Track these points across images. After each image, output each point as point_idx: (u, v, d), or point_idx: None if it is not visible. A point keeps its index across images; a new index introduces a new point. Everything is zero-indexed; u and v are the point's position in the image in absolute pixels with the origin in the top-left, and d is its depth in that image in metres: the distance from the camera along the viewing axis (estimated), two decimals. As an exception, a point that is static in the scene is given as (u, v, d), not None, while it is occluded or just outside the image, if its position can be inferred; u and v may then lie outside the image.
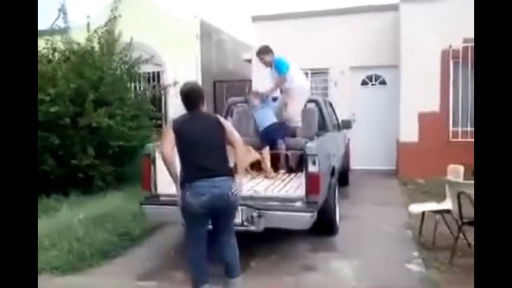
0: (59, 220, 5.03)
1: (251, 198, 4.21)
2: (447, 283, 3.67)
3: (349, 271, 4.01)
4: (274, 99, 5.87)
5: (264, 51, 5.75)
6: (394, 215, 5.62)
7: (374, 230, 5.19)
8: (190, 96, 3.38)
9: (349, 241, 4.82)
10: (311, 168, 4.02)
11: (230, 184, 3.23)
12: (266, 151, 5.31)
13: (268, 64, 5.74)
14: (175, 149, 3.28)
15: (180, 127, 3.28)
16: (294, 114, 5.68)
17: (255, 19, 10.09)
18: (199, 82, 10.24)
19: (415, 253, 4.37)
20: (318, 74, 9.84)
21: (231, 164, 3.46)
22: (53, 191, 6.28)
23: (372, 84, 9.57)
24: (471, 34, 7.87)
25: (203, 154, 3.20)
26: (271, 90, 5.73)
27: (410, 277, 3.86)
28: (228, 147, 3.42)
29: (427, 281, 3.73)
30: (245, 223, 4.06)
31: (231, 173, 3.32)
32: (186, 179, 3.19)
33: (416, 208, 4.75)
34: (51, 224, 4.89)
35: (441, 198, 4.63)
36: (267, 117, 5.53)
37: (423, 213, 4.65)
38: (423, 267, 4.02)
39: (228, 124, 3.53)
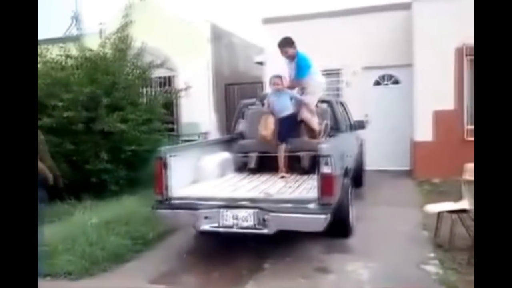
0: (73, 224, 5.05)
1: (264, 200, 4.17)
2: (464, 284, 3.58)
3: (364, 273, 3.94)
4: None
5: (287, 43, 5.44)
6: (409, 216, 5.53)
7: (390, 231, 5.10)
8: None
9: (364, 242, 4.74)
10: (325, 169, 3.96)
11: None
12: (282, 148, 5.29)
13: (291, 58, 5.52)
14: None
15: None
16: (311, 110, 5.58)
17: (266, 21, 10.06)
18: (211, 86, 10.30)
19: (432, 254, 4.28)
20: (330, 75, 9.75)
21: None
22: (67, 196, 6.31)
23: (385, 84, 9.46)
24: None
25: None
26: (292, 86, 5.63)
27: (427, 278, 3.78)
28: None
29: (443, 282, 3.65)
30: (257, 226, 4.02)
31: None
32: None
33: (432, 208, 4.66)
34: (64, 229, 4.91)
35: (457, 198, 4.52)
36: (285, 106, 5.49)
37: (439, 213, 4.55)
38: (440, 268, 3.93)
39: None
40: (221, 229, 4.17)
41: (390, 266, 4.09)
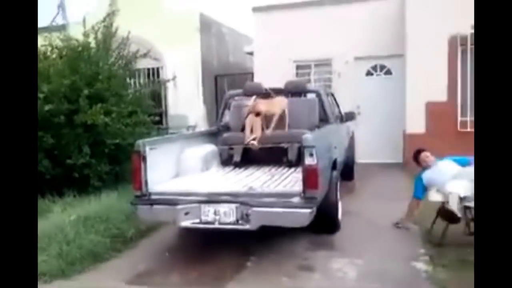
0: (51, 222, 4.84)
1: (246, 194, 3.98)
2: (455, 281, 3.42)
3: (351, 271, 3.78)
4: None
5: None
6: (400, 210, 5.36)
7: (379, 226, 4.94)
8: None
9: (352, 238, 4.58)
10: (309, 161, 3.76)
11: None
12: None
13: None
14: None
15: None
16: None
17: (256, 9, 9.84)
18: (200, 77, 10.08)
19: (422, 250, 4.12)
20: (321, 65, 9.58)
21: None
22: (48, 192, 6.10)
23: (377, 75, 9.27)
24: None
25: None
26: None
27: (416, 276, 3.62)
28: None
29: (433, 280, 3.49)
30: (239, 221, 3.84)
31: None
32: None
33: (435, 196, 4.46)
34: (42, 226, 4.68)
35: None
36: None
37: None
38: (430, 265, 3.77)
39: None
40: (201, 225, 3.98)
41: (378, 262, 3.93)
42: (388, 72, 9.18)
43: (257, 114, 5.36)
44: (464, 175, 4.25)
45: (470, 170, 4.06)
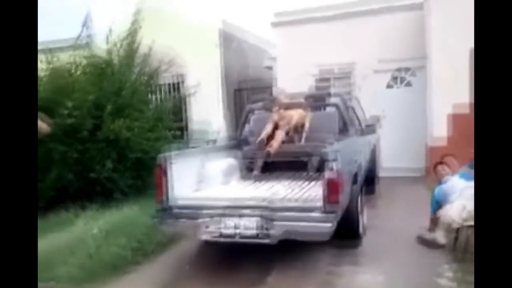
0: (73, 234, 4.92)
1: (267, 208, 3.97)
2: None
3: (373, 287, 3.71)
4: None
5: None
6: (423, 225, 5.26)
7: (402, 241, 4.84)
8: None
9: (374, 254, 4.49)
10: (329, 175, 3.75)
11: None
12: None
13: None
14: None
15: None
16: None
17: (275, 24, 9.92)
18: (220, 92, 10.16)
19: (445, 266, 4.02)
20: (341, 78, 9.56)
21: None
22: (71, 205, 6.20)
23: (397, 87, 9.19)
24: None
25: None
26: None
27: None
28: None
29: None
30: (259, 235, 3.82)
31: None
32: None
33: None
34: (64, 239, 4.78)
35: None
36: None
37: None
38: (454, 282, 3.67)
39: None
40: (222, 239, 3.99)
41: (400, 279, 3.85)
42: (408, 84, 9.10)
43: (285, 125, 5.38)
44: (464, 194, 4.19)
45: (469, 189, 4.03)
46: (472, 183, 4.20)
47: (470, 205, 4.00)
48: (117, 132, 6.61)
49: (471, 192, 3.99)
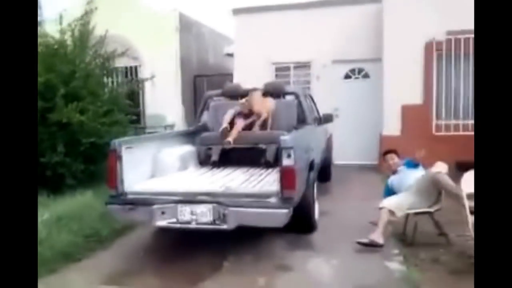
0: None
1: (223, 194, 3.97)
2: (428, 281, 3.48)
3: (326, 270, 3.80)
4: None
5: None
6: (375, 211, 5.42)
7: (354, 226, 4.95)
8: None
9: (328, 238, 4.61)
10: (286, 162, 3.79)
11: None
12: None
13: None
14: None
15: None
16: None
17: (236, 12, 9.84)
18: (178, 77, 10.01)
19: (396, 250, 4.18)
20: (300, 68, 9.65)
21: None
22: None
23: (355, 78, 9.38)
24: (454, 26, 7.78)
25: None
26: None
27: (390, 275, 3.66)
28: None
29: (407, 280, 3.54)
30: (216, 221, 3.82)
31: None
32: None
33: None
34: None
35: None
36: None
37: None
38: (404, 265, 3.83)
39: None
40: (178, 225, 3.95)
41: (353, 262, 3.97)
42: (366, 76, 9.30)
43: (248, 114, 5.38)
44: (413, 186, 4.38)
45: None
46: (416, 171, 4.49)
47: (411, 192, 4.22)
48: (70, 116, 6.37)
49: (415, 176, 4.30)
